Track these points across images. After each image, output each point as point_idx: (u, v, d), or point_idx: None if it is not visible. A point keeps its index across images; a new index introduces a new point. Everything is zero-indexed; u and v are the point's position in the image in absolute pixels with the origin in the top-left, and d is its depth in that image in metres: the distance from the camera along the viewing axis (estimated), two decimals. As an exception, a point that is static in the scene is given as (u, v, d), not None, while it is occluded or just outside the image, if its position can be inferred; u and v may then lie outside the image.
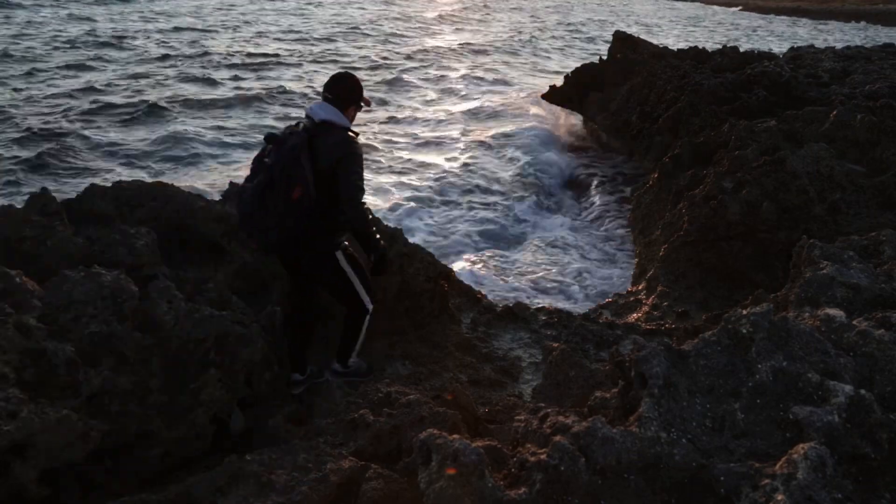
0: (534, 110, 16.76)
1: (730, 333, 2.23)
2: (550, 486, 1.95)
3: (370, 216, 3.65)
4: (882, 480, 1.85)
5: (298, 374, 3.89)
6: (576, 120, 15.17)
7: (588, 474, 1.96)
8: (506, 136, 14.64)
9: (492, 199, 10.85)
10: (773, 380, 2.06)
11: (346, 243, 3.74)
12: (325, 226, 3.55)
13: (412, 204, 10.29)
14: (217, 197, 5.02)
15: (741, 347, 2.19)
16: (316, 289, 3.91)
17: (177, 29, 26.46)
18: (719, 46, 14.40)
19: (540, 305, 5.85)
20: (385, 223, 5.21)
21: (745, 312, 2.23)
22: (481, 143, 14.19)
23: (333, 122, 3.50)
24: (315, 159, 3.42)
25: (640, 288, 6.43)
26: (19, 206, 3.80)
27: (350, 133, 3.56)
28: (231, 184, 5.11)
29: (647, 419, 2.03)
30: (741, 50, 13.40)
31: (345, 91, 3.61)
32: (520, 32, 37.12)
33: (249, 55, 21.84)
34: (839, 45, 16.78)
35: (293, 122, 3.65)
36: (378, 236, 3.72)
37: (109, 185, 4.38)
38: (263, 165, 3.42)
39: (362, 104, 3.72)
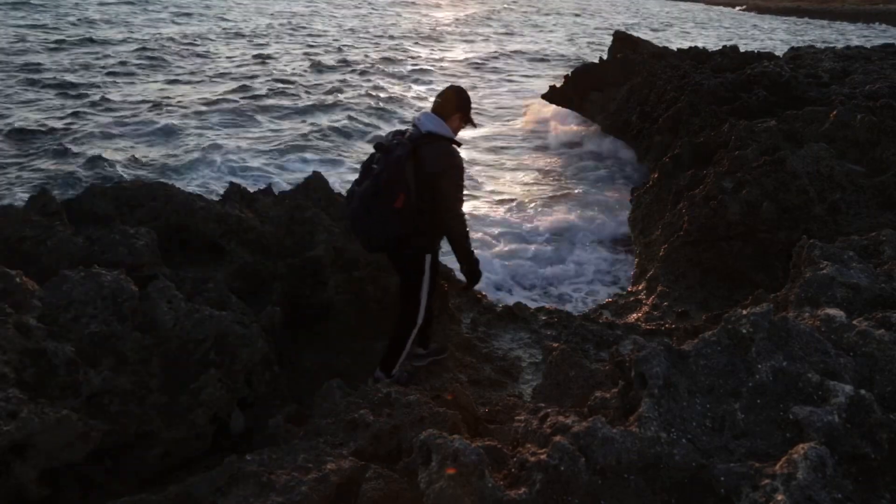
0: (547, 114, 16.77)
1: (730, 333, 2.22)
2: (550, 486, 1.95)
3: (467, 228, 3.80)
4: (882, 480, 1.85)
5: (422, 350, 4.24)
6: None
7: (588, 474, 1.96)
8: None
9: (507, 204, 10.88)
10: (773, 380, 2.06)
11: (439, 249, 3.91)
12: (425, 230, 3.73)
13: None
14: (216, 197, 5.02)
15: (741, 347, 2.19)
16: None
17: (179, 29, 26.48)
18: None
19: (540, 305, 5.85)
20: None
21: (745, 312, 2.23)
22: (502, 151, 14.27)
23: (437, 132, 3.66)
24: (419, 168, 3.58)
25: (640, 288, 6.43)
26: (19, 206, 3.80)
27: (453, 145, 3.71)
28: (231, 184, 5.10)
29: (647, 419, 2.03)
30: (741, 50, 13.40)
31: (449, 103, 3.77)
32: (569, 38, 36.16)
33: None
34: (839, 45, 16.77)
35: (400, 129, 3.81)
36: (472, 248, 3.85)
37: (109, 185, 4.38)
38: (370, 172, 3.62)
39: (468, 121, 3.87)
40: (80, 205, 4.14)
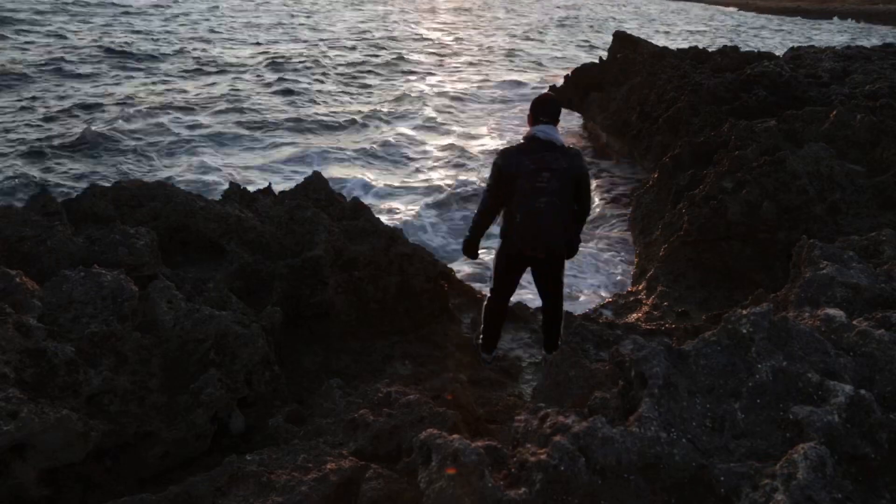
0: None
1: (730, 333, 2.22)
2: (550, 486, 1.95)
3: None
4: (882, 480, 1.85)
5: (489, 355, 4.61)
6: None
7: (588, 474, 1.96)
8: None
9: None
10: (773, 380, 2.06)
11: None
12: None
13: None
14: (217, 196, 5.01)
15: (741, 347, 2.19)
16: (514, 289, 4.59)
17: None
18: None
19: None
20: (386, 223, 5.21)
21: (745, 312, 2.23)
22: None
23: (563, 143, 4.20)
24: (571, 174, 4.11)
25: (640, 288, 6.43)
26: (19, 206, 3.80)
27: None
28: (231, 184, 5.10)
29: (647, 419, 2.03)
30: (741, 50, 13.40)
31: (559, 113, 4.30)
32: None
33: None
34: (839, 46, 16.74)
35: (525, 146, 4.16)
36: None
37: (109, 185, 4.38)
38: (542, 188, 4.04)
39: None
40: (80, 205, 4.14)
